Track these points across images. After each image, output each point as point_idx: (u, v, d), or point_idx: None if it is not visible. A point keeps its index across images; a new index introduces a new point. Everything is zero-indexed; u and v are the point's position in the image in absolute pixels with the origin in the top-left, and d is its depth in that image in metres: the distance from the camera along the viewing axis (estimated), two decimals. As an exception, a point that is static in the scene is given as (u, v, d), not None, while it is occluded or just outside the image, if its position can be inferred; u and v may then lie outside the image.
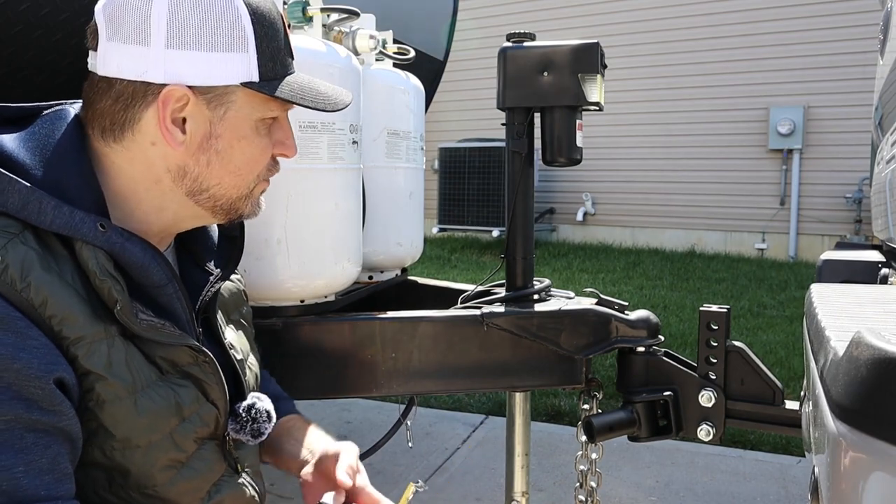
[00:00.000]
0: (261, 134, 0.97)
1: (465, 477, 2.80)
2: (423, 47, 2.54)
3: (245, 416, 1.04)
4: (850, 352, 0.67)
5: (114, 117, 0.91)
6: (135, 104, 0.90)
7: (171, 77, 0.89)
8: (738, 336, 3.47)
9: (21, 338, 0.77)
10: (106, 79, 0.90)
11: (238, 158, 0.96)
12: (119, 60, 0.89)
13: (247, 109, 0.94)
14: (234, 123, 0.94)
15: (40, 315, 0.80)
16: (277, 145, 1.01)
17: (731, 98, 7.81)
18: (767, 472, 2.84)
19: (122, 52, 0.88)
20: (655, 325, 1.61)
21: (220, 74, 0.90)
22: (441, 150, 8.43)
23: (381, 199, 1.93)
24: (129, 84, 0.89)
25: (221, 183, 0.96)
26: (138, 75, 0.88)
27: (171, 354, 0.94)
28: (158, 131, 0.91)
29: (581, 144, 1.64)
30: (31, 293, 0.79)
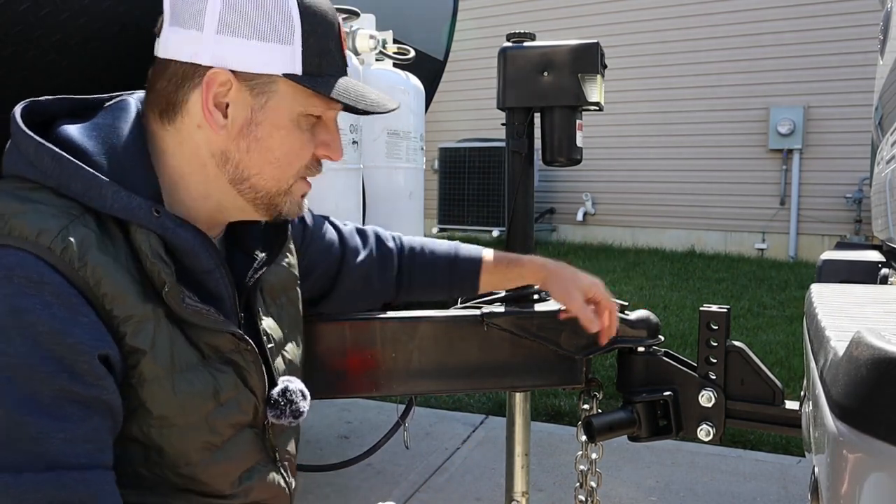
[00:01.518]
0: (301, 129, 1.00)
1: (465, 477, 2.80)
2: (423, 47, 2.54)
3: (281, 399, 1.07)
4: (850, 352, 0.67)
5: (168, 98, 0.96)
6: (184, 84, 0.95)
7: (217, 60, 0.93)
8: (738, 336, 3.47)
9: (74, 314, 0.82)
10: (164, 61, 0.96)
11: (277, 149, 0.98)
12: (175, 43, 0.94)
13: (288, 101, 0.97)
14: (274, 113, 0.97)
15: (94, 293, 0.84)
16: (321, 146, 1.03)
17: (731, 98, 7.81)
18: (767, 472, 2.83)
19: (179, 35, 0.94)
20: (655, 325, 1.61)
21: (263, 62, 0.94)
22: (441, 150, 8.43)
23: (381, 199, 1.93)
24: (181, 65, 0.94)
25: (262, 173, 0.99)
26: (189, 57, 0.93)
27: (215, 340, 0.97)
28: (202, 114, 0.95)
29: (581, 144, 1.64)
30: (87, 272, 0.83)
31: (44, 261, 0.81)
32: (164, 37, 0.96)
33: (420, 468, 2.85)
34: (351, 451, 2.07)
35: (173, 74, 0.95)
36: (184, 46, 0.94)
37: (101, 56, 1.31)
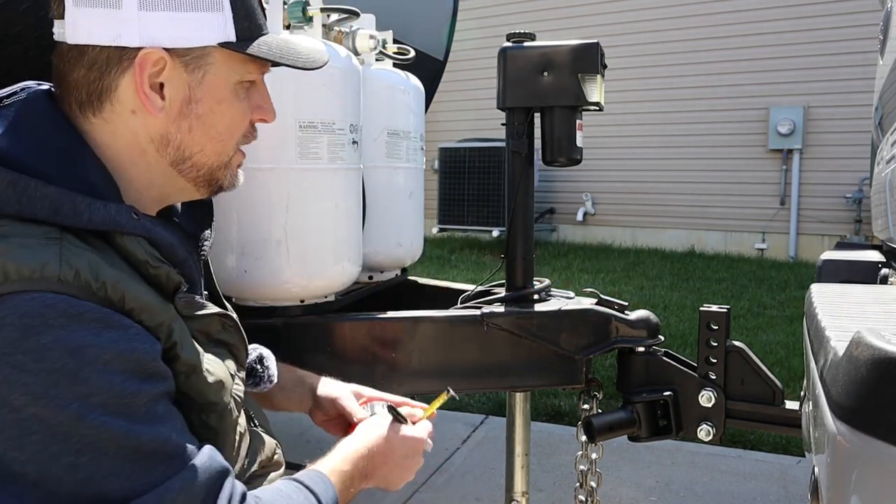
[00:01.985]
0: (240, 97, 0.95)
1: (465, 477, 2.80)
2: (423, 47, 2.54)
3: (259, 367, 1.07)
4: (850, 352, 0.67)
5: (89, 88, 0.87)
6: (110, 71, 0.86)
7: (147, 40, 0.85)
8: (738, 336, 3.47)
9: (125, 329, 0.78)
10: (77, 47, 0.86)
11: (219, 123, 0.93)
12: (89, 26, 0.85)
13: (225, 72, 0.92)
14: (213, 87, 0.91)
15: (122, 310, 0.79)
16: (256, 110, 0.98)
17: (731, 98, 7.81)
18: (767, 472, 2.83)
19: (92, 16, 0.84)
20: (655, 325, 1.61)
21: (196, 35, 0.88)
22: (441, 150, 8.43)
23: (381, 199, 1.93)
24: (102, 50, 0.85)
25: (204, 150, 0.94)
26: (111, 40, 0.85)
27: (204, 326, 0.94)
28: (137, 98, 0.87)
29: (581, 144, 1.64)
30: (108, 292, 0.78)
31: (64, 293, 0.75)
32: (72, 20, 0.85)
33: (420, 468, 2.85)
34: (351, 451, 2.07)
35: (93, 61, 0.86)
36: (101, 29, 0.84)
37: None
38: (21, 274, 0.73)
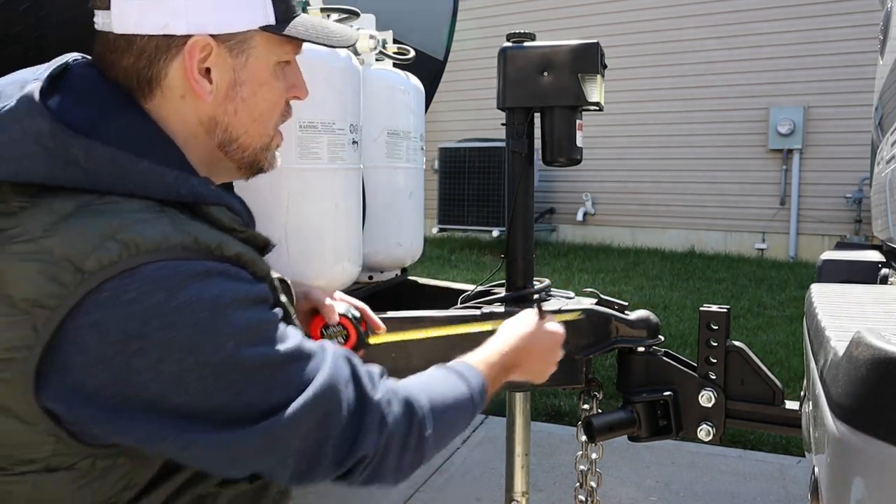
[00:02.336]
0: (278, 78, 0.99)
1: (465, 477, 2.80)
2: (423, 47, 2.54)
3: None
4: (850, 352, 0.67)
5: (139, 75, 0.89)
6: (159, 59, 0.89)
7: (194, 27, 0.88)
8: (738, 336, 3.47)
9: (245, 277, 0.85)
10: (124, 37, 0.88)
11: (262, 104, 0.97)
12: (137, 16, 0.87)
13: (265, 54, 0.95)
14: (255, 69, 0.95)
15: (238, 264, 0.85)
16: (291, 88, 1.02)
17: (731, 98, 7.82)
18: (767, 472, 2.83)
19: (140, 6, 0.87)
20: (655, 325, 1.61)
21: (240, 20, 0.91)
22: (441, 150, 8.43)
23: (381, 199, 1.93)
24: (150, 39, 0.88)
25: (248, 131, 0.97)
26: (160, 29, 0.87)
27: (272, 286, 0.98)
28: (187, 84, 0.90)
29: (581, 144, 1.64)
30: (225, 251, 0.83)
31: (190, 259, 0.79)
32: (119, 10, 0.87)
33: (420, 468, 2.85)
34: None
35: (142, 50, 0.88)
36: (150, 18, 0.87)
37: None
38: (148, 246, 0.77)
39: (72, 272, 0.75)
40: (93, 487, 0.82)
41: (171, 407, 0.77)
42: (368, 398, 0.89)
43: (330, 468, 0.86)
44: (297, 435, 0.81)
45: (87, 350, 0.75)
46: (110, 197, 0.80)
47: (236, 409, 0.79)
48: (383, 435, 0.90)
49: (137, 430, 0.77)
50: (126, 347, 0.75)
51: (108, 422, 0.77)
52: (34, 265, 0.75)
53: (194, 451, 0.79)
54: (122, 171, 0.81)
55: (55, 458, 0.80)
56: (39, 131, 0.79)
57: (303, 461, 0.83)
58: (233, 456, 0.80)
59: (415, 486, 2.70)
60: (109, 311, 0.75)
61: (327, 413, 0.84)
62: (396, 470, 0.94)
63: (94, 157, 0.80)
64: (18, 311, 0.75)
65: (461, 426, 1.07)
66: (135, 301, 0.75)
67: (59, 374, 0.76)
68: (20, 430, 0.78)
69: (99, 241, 0.76)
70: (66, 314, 0.75)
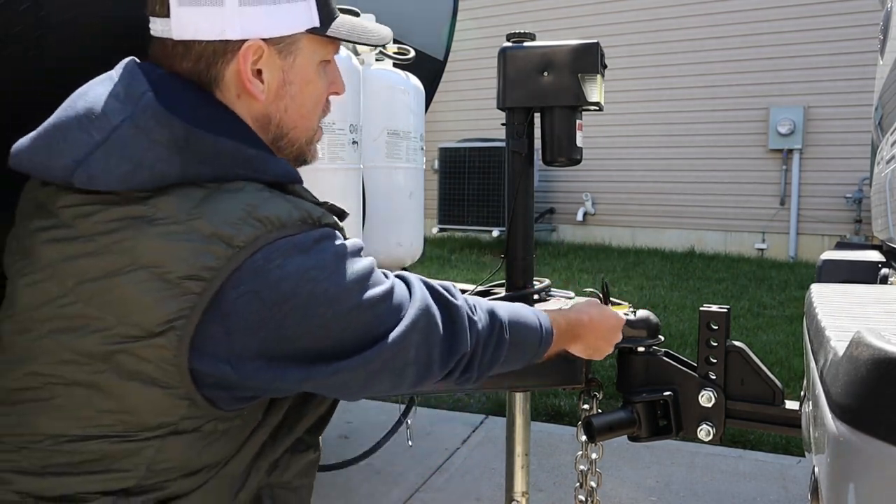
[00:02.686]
0: (321, 76, 1.07)
1: (465, 477, 2.80)
2: (423, 47, 2.54)
3: None
4: (850, 352, 0.67)
5: (199, 78, 0.98)
6: (217, 62, 0.97)
7: (247, 32, 0.96)
8: (738, 336, 3.47)
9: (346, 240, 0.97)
10: (183, 42, 0.96)
11: (308, 101, 1.06)
12: (195, 23, 0.95)
13: (310, 54, 1.04)
14: (302, 69, 1.03)
15: (338, 229, 0.98)
16: (331, 85, 1.11)
17: (731, 98, 7.81)
18: (767, 472, 2.84)
19: (197, 14, 0.94)
20: (655, 325, 1.61)
21: (289, 24, 0.99)
22: (441, 150, 8.43)
23: (381, 199, 1.93)
24: (208, 44, 0.96)
25: (297, 127, 1.06)
26: (217, 35, 0.95)
27: None
28: (241, 84, 0.99)
29: (581, 144, 1.64)
30: (324, 220, 0.95)
31: (309, 230, 0.92)
32: (177, 18, 0.95)
33: (420, 468, 2.85)
34: (351, 451, 2.07)
35: (200, 54, 0.96)
36: (206, 25, 0.95)
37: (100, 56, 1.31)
38: (282, 222, 0.89)
39: (223, 247, 0.85)
40: (209, 449, 0.95)
41: (319, 350, 0.91)
42: (454, 305, 1.03)
43: (439, 370, 1.01)
44: (411, 346, 0.96)
45: (248, 315, 0.86)
46: (234, 182, 0.91)
47: (364, 338, 0.93)
48: (473, 333, 1.04)
49: (292, 375, 0.90)
50: (280, 309, 0.87)
51: (269, 374, 0.89)
52: (186, 244, 0.85)
53: (341, 378, 0.92)
54: (241, 160, 0.92)
55: (184, 422, 0.91)
56: (174, 137, 0.88)
57: (420, 368, 0.98)
58: (367, 373, 0.93)
59: (415, 486, 2.70)
60: (262, 280, 0.86)
61: (427, 325, 0.98)
62: (482, 366, 1.08)
63: (221, 152, 0.91)
64: (173, 285, 0.85)
65: (529, 351, 1.18)
66: (281, 268, 0.87)
67: (218, 340, 0.87)
68: (158, 396, 0.89)
69: (243, 219, 0.87)
70: (220, 285, 0.85)
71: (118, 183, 0.86)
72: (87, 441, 0.91)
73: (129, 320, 0.86)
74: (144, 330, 0.86)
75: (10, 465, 0.93)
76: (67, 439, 0.91)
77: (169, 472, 0.93)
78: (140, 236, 0.86)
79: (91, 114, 0.89)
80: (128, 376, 0.88)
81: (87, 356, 0.88)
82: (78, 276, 0.88)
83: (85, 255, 0.88)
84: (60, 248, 0.89)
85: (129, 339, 0.87)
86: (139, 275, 0.85)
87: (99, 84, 0.94)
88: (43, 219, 0.92)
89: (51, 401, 0.91)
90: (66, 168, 0.87)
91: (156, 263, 0.85)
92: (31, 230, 0.93)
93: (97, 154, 0.87)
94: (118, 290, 0.86)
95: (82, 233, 0.88)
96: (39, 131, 0.92)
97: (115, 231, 0.87)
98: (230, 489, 1.00)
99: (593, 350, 1.36)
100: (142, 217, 0.87)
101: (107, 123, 0.88)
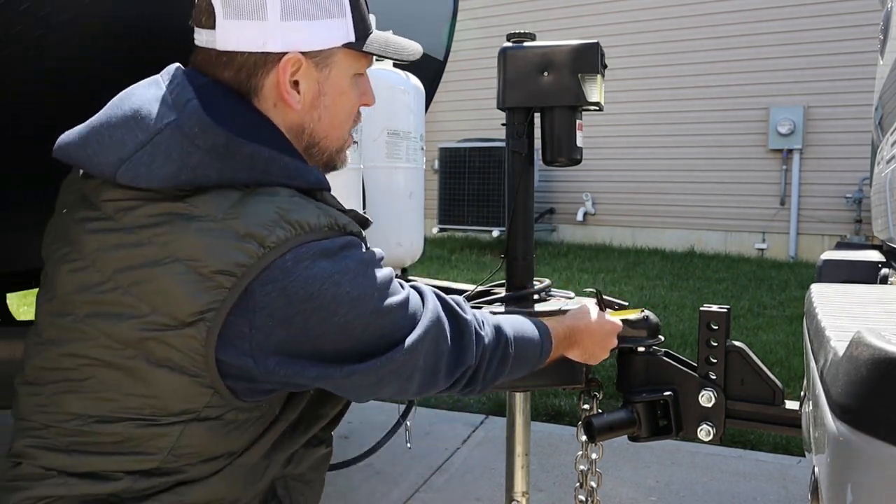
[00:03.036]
0: (354, 88, 1.12)
1: (465, 477, 2.80)
2: (423, 47, 2.53)
3: None
4: (850, 352, 0.67)
5: (240, 87, 1.03)
6: (257, 73, 1.02)
7: (287, 45, 1.01)
8: (738, 336, 3.47)
9: (369, 249, 1.02)
10: (226, 53, 1.01)
11: (341, 112, 1.11)
12: (238, 36, 1.00)
13: (345, 67, 1.09)
14: (336, 81, 1.08)
15: (360, 238, 1.03)
16: (362, 96, 1.16)
17: (731, 98, 7.81)
18: (767, 472, 2.84)
19: (241, 27, 1.00)
20: (655, 325, 1.61)
21: (326, 39, 1.05)
22: (441, 150, 8.43)
23: (381, 199, 1.93)
24: (250, 56, 1.01)
25: (328, 136, 1.11)
26: (259, 47, 1.00)
27: None
28: (278, 94, 1.03)
29: (581, 144, 1.64)
30: (350, 228, 0.99)
31: (336, 236, 0.96)
32: (222, 30, 1.00)
33: (420, 468, 2.85)
34: (351, 451, 2.07)
35: (242, 65, 1.01)
36: (249, 37, 1.00)
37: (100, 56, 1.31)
38: (311, 226, 0.94)
39: (256, 247, 0.90)
40: (229, 437, 0.99)
41: (337, 351, 0.95)
42: (463, 319, 1.09)
43: (445, 380, 1.06)
44: (420, 355, 1.00)
45: (273, 312, 0.91)
46: (269, 187, 0.96)
47: (380, 343, 0.98)
48: (479, 347, 1.10)
49: (309, 373, 0.94)
50: (304, 307, 0.91)
51: (287, 370, 0.93)
52: (222, 241, 0.90)
53: (354, 379, 0.97)
54: (276, 167, 0.97)
55: (206, 410, 0.96)
56: (216, 144, 0.93)
57: (426, 376, 1.03)
58: (378, 377, 0.98)
59: (415, 486, 2.70)
60: (291, 279, 0.91)
61: (437, 335, 1.03)
62: (486, 379, 1.13)
63: (258, 159, 0.95)
64: (206, 278, 0.90)
65: (531, 363, 1.24)
66: (308, 269, 0.91)
67: (243, 334, 0.91)
68: (184, 384, 0.93)
69: (275, 222, 0.91)
70: (250, 281, 0.90)
71: (160, 181, 0.91)
72: (115, 423, 0.95)
73: (164, 310, 0.91)
74: (176, 319, 0.91)
75: (37, 441, 0.99)
76: (95, 420, 0.96)
77: (190, 456, 0.98)
78: (179, 231, 0.91)
79: (138, 115, 0.94)
80: (157, 363, 0.93)
81: (121, 341, 0.93)
82: (118, 265, 0.93)
83: (126, 246, 0.93)
84: (103, 238, 0.95)
85: (161, 327, 0.91)
86: (175, 267, 0.90)
87: (146, 87, 0.99)
88: (87, 210, 0.98)
89: (83, 382, 0.96)
90: (111, 165, 0.92)
91: (192, 257, 0.90)
92: (75, 219, 0.99)
93: (141, 153, 0.92)
94: (155, 280, 0.91)
95: (125, 225, 0.94)
96: (87, 126, 0.97)
97: (155, 225, 0.92)
98: (246, 478, 1.05)
99: (589, 355, 1.40)
100: (181, 214, 0.92)
101: (152, 125, 0.93)
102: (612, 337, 1.42)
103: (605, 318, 1.42)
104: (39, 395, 1.00)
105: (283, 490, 1.11)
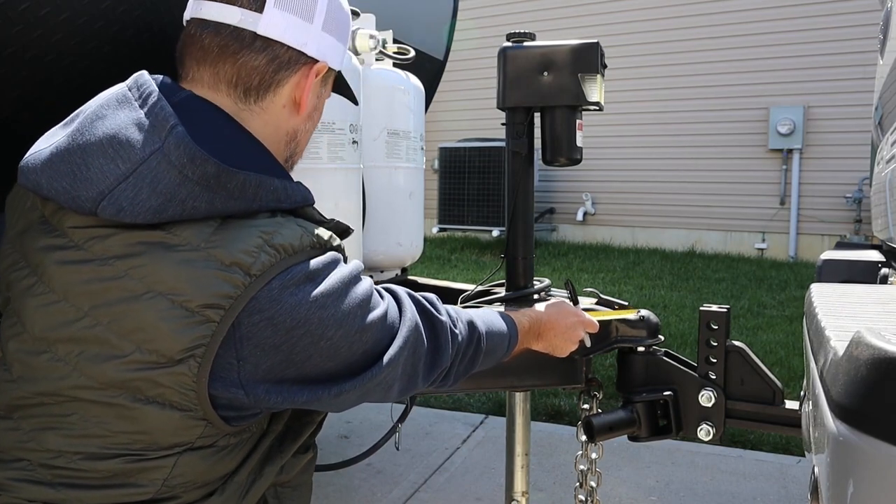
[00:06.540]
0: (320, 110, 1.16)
1: (465, 477, 2.80)
2: (423, 47, 2.54)
3: None
4: (850, 352, 0.67)
5: (263, 76, 1.00)
6: (286, 68, 1.01)
7: (320, 54, 1.04)
8: (738, 336, 3.47)
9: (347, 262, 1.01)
10: (266, 39, 0.99)
11: (313, 129, 1.13)
12: (284, 27, 0.99)
13: (328, 88, 1.14)
14: (322, 99, 1.12)
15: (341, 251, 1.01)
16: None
17: (731, 98, 7.81)
18: (767, 472, 2.84)
19: (289, 20, 0.99)
20: (655, 325, 1.61)
21: (339, 60, 1.10)
22: (441, 150, 8.43)
23: (381, 199, 1.93)
24: (288, 49, 1.00)
25: (300, 148, 1.12)
26: (299, 45, 1.01)
27: None
28: (292, 97, 1.03)
29: (581, 144, 1.64)
30: (332, 242, 0.97)
31: (319, 255, 0.94)
32: (269, 15, 0.98)
33: (420, 468, 2.85)
34: (351, 451, 2.07)
35: (276, 55, 1.00)
36: (294, 33, 1.00)
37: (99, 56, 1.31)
38: (295, 249, 0.91)
39: (242, 275, 0.86)
40: (222, 461, 0.97)
41: (325, 371, 0.94)
42: (438, 321, 1.09)
43: (423, 382, 1.07)
44: (401, 363, 1.00)
45: (260, 342, 0.88)
46: (246, 214, 0.92)
47: (365, 359, 0.97)
48: (454, 347, 1.11)
49: (299, 397, 0.93)
50: (292, 335, 0.89)
51: (278, 396, 0.92)
52: (206, 271, 0.86)
53: (343, 398, 0.96)
54: (265, 192, 0.93)
55: (201, 440, 0.93)
56: (206, 175, 0.87)
57: (405, 382, 1.03)
58: (363, 391, 0.97)
59: (415, 486, 2.70)
60: (277, 307, 0.88)
61: (415, 342, 1.03)
62: (458, 374, 1.15)
63: (248, 186, 0.91)
64: (193, 313, 0.85)
65: (499, 355, 1.25)
66: (294, 295, 0.89)
67: (234, 365, 0.88)
68: (175, 419, 0.90)
69: (259, 247, 0.88)
70: (238, 313, 0.86)
71: (146, 216, 0.85)
72: (104, 460, 0.91)
73: (148, 347, 0.86)
74: (164, 357, 0.86)
75: (20, 474, 0.93)
76: (82, 457, 0.91)
77: (185, 485, 0.95)
78: (158, 262, 0.85)
79: (115, 141, 0.87)
80: (146, 400, 0.88)
81: (103, 382, 0.88)
82: (94, 300, 0.87)
83: (101, 280, 0.87)
84: (74, 270, 0.88)
85: (149, 365, 0.87)
86: (158, 302, 0.85)
87: (117, 107, 0.91)
88: (51, 237, 0.91)
89: (65, 418, 0.91)
90: (90, 200, 0.85)
91: (175, 291, 0.85)
92: (37, 247, 0.92)
93: (124, 186, 0.85)
94: (137, 316, 0.86)
95: (97, 255, 0.87)
96: (55, 152, 0.89)
97: (131, 256, 0.86)
98: (239, 493, 1.03)
99: (553, 347, 1.39)
100: (159, 243, 0.86)
101: (135, 154, 0.86)
102: (577, 330, 1.40)
103: (571, 310, 1.41)
104: (18, 430, 0.93)
105: (274, 499, 1.11)
